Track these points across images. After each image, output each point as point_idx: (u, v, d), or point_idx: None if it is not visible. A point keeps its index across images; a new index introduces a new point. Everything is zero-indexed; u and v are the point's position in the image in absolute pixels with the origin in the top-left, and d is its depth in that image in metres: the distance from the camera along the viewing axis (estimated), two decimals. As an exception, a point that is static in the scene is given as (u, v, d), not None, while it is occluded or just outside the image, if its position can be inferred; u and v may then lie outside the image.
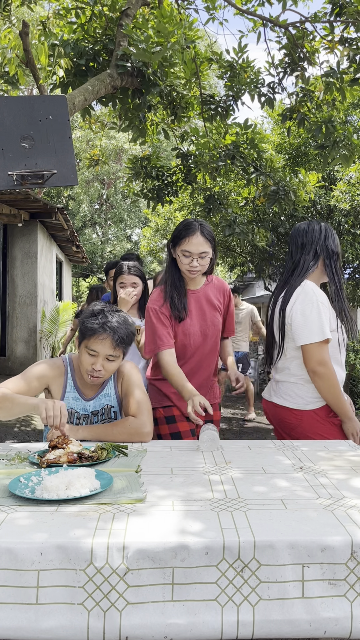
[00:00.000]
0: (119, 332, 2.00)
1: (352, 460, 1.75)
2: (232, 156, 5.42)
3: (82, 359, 2.03)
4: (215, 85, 12.39)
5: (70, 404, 2.09)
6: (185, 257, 2.33)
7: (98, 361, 1.99)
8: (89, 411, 2.11)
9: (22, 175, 2.87)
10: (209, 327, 2.46)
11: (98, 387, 2.13)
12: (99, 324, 1.99)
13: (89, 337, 2.00)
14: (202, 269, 2.35)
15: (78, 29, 5.04)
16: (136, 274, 3.06)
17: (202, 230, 2.32)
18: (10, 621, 1.11)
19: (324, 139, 5.40)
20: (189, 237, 2.30)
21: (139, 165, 6.31)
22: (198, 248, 2.30)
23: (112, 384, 2.16)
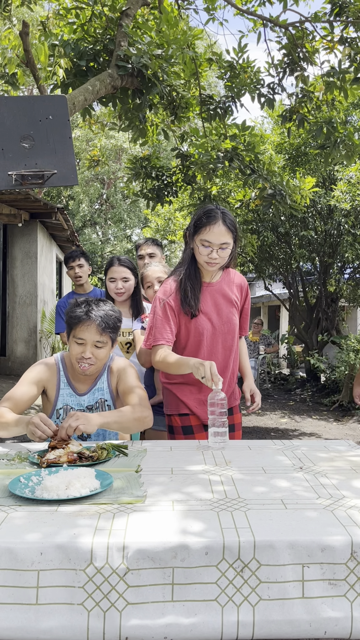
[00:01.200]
0: (103, 318, 2.04)
1: (352, 461, 1.75)
2: (230, 158, 5.42)
3: (72, 349, 2.06)
4: (215, 85, 12.39)
5: (65, 401, 2.12)
6: (205, 247, 2.15)
7: (87, 349, 2.02)
8: (84, 406, 2.13)
9: (22, 175, 2.87)
10: (225, 324, 2.29)
11: (91, 382, 2.14)
12: (83, 312, 2.04)
13: (74, 326, 2.04)
14: (221, 261, 2.19)
15: (78, 29, 5.04)
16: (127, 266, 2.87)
17: (225, 219, 2.14)
18: (10, 621, 1.11)
19: (324, 139, 5.40)
20: (210, 225, 2.13)
21: (138, 165, 6.32)
22: (219, 238, 2.13)
23: (105, 378, 2.17)
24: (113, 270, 2.84)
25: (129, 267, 2.85)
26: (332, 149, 5.38)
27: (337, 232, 9.04)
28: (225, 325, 2.29)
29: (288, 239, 9.51)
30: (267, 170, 5.62)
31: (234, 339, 2.32)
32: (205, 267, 2.21)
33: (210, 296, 2.28)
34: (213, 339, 2.28)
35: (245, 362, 2.52)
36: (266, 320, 18.78)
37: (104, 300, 2.13)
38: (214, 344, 2.28)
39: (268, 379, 11.19)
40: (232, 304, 2.31)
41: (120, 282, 2.81)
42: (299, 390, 9.77)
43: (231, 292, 2.31)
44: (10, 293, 9.40)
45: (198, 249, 2.17)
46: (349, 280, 9.79)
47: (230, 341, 2.31)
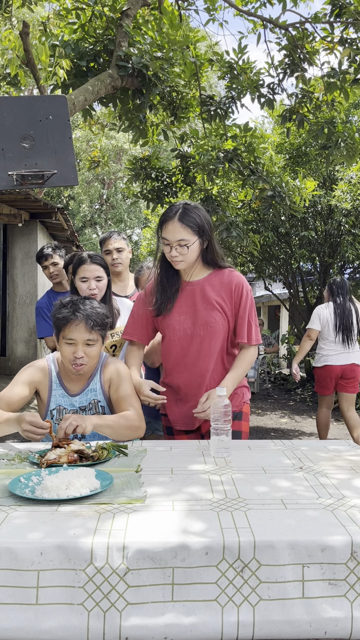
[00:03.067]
0: (91, 316, 2.02)
1: (352, 460, 1.75)
2: (230, 159, 5.42)
3: (63, 351, 2.05)
4: (215, 85, 12.40)
5: (58, 402, 2.12)
6: (165, 245, 2.09)
7: (78, 348, 2.01)
8: (77, 407, 2.12)
9: (22, 175, 2.87)
10: (201, 327, 2.13)
11: (83, 383, 2.13)
12: (70, 311, 2.03)
13: (63, 327, 2.03)
14: (185, 259, 2.08)
15: (78, 30, 5.05)
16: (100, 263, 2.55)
17: (183, 216, 2.05)
18: (10, 621, 1.11)
19: (325, 139, 5.40)
20: (166, 223, 2.08)
21: (138, 166, 6.32)
22: (175, 235, 2.05)
23: (97, 378, 2.15)
24: (84, 269, 2.49)
25: (101, 265, 2.54)
26: (334, 149, 5.38)
27: (338, 232, 9.04)
28: (201, 329, 2.13)
29: (288, 239, 9.51)
30: (267, 171, 5.63)
31: (216, 345, 2.14)
32: (173, 265, 2.13)
33: (188, 296, 2.16)
34: (187, 342, 2.15)
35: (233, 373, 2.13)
36: (266, 320, 18.78)
37: (89, 298, 2.12)
38: (188, 348, 2.15)
39: (268, 379, 11.19)
40: (213, 307, 2.13)
41: (94, 282, 2.48)
42: (299, 390, 9.76)
43: (215, 294, 2.13)
44: (10, 293, 9.40)
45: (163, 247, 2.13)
46: (349, 280, 9.79)
47: (208, 347, 2.14)
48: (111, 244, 3.20)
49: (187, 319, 2.15)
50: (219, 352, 2.17)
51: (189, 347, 2.16)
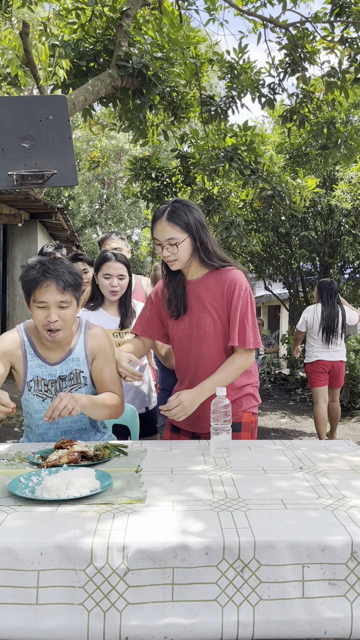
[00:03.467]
0: (62, 275, 1.90)
1: (352, 461, 1.75)
2: (231, 158, 5.43)
3: (35, 316, 1.92)
4: (215, 85, 12.39)
5: (35, 372, 2.01)
6: (157, 245, 2.05)
7: (51, 312, 1.89)
8: (56, 376, 2.02)
9: (22, 175, 2.87)
10: (194, 329, 2.09)
11: (64, 350, 2.03)
12: (38, 272, 1.90)
13: (32, 290, 1.90)
14: (177, 258, 2.02)
15: (78, 29, 5.05)
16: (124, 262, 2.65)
17: (171, 214, 1.99)
18: (10, 621, 1.11)
19: (325, 139, 5.40)
20: (155, 223, 2.03)
21: (138, 166, 6.32)
22: (164, 235, 2.00)
23: (82, 348, 2.05)
24: (109, 266, 2.63)
25: (125, 264, 2.66)
26: (334, 150, 5.39)
27: (338, 232, 9.04)
28: (194, 331, 2.09)
29: (288, 239, 9.52)
30: (267, 171, 5.63)
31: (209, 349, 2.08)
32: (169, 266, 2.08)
33: (190, 295, 2.12)
34: (186, 344, 2.13)
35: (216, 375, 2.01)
36: (266, 320, 18.78)
37: (59, 259, 1.98)
38: (188, 350, 2.13)
39: (268, 379, 11.19)
40: (205, 309, 2.07)
41: (116, 280, 2.62)
42: (299, 390, 9.76)
43: (209, 295, 2.07)
44: (10, 293, 9.40)
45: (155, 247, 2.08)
46: (349, 280, 9.80)
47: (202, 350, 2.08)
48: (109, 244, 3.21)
49: (184, 320, 2.12)
50: (217, 355, 2.08)
51: (188, 349, 2.12)
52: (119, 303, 2.73)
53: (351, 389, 7.85)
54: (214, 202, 6.08)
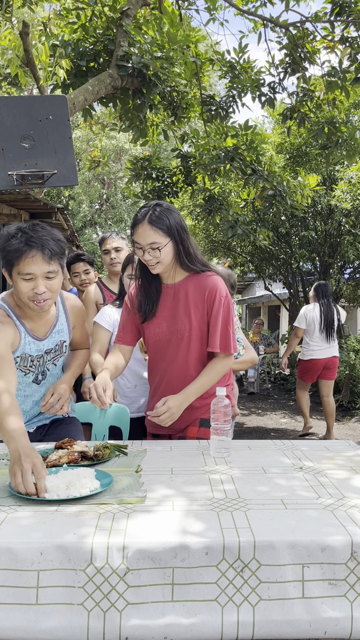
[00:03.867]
0: (47, 243, 1.77)
1: (352, 460, 1.75)
2: (232, 157, 5.43)
3: (20, 288, 1.79)
4: (215, 85, 12.38)
5: (25, 350, 1.94)
6: (137, 249, 2.01)
7: (38, 283, 1.78)
8: (43, 350, 1.98)
9: (22, 175, 2.87)
10: (174, 334, 2.07)
11: (49, 324, 1.98)
12: (22, 242, 1.75)
13: (16, 260, 1.76)
14: (158, 261, 1.98)
15: (78, 29, 5.05)
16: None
17: (152, 218, 1.95)
18: (10, 621, 1.11)
19: (325, 139, 5.40)
20: (136, 226, 1.99)
21: (139, 166, 6.32)
22: (146, 239, 1.96)
23: (64, 318, 2.02)
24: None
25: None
26: (334, 149, 5.39)
27: (338, 232, 9.04)
28: (173, 335, 2.07)
29: (288, 239, 9.52)
30: (268, 170, 5.63)
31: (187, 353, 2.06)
32: (149, 269, 2.04)
33: (165, 299, 2.09)
34: (162, 348, 2.10)
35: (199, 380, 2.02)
36: (266, 320, 18.78)
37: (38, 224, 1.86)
38: (163, 354, 2.11)
39: (268, 379, 11.19)
40: (185, 313, 2.05)
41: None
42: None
43: (188, 299, 2.05)
44: (11, 293, 9.39)
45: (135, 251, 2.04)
46: (349, 280, 9.79)
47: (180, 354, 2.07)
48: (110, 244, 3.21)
49: (162, 324, 2.09)
50: (195, 360, 2.08)
51: (164, 353, 2.10)
52: None
53: (351, 389, 7.85)
54: (216, 202, 6.08)
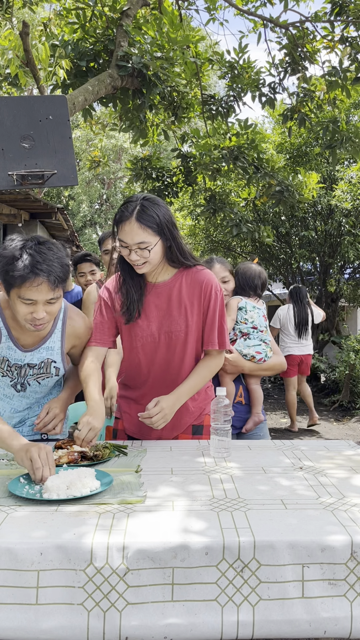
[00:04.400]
0: (53, 270, 1.68)
1: (352, 460, 1.75)
2: (235, 157, 5.43)
3: (18, 309, 1.73)
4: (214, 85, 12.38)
5: (3, 353, 1.86)
6: (123, 248, 1.85)
7: (38, 309, 1.71)
8: (24, 362, 1.88)
9: (22, 175, 2.87)
10: (165, 335, 1.95)
11: (38, 339, 1.89)
12: (28, 268, 1.65)
13: (19, 285, 1.67)
14: (146, 261, 1.85)
15: (78, 29, 5.05)
16: None
17: (141, 215, 1.80)
18: (10, 621, 1.11)
19: (331, 136, 5.40)
20: (122, 223, 1.82)
21: (139, 166, 6.32)
22: (133, 238, 1.80)
23: (58, 337, 1.91)
24: None
25: None
26: (339, 148, 5.40)
27: (338, 232, 9.04)
28: (166, 336, 1.96)
29: (288, 239, 9.51)
30: (272, 167, 5.63)
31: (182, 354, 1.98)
32: (135, 269, 1.89)
33: (154, 299, 1.96)
34: (151, 350, 1.98)
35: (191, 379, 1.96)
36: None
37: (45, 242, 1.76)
38: (153, 356, 1.99)
39: (268, 379, 11.18)
40: (180, 312, 1.95)
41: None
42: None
43: (183, 297, 1.95)
44: (11, 293, 9.39)
45: (120, 249, 1.88)
46: (349, 280, 9.79)
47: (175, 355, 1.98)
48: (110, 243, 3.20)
49: (151, 325, 1.96)
50: (192, 360, 2.01)
51: (154, 355, 1.98)
52: None
53: (351, 389, 7.84)
54: (218, 202, 6.08)
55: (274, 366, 2.55)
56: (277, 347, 2.62)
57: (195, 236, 10.17)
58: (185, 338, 1.97)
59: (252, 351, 2.48)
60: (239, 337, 2.51)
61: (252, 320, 2.52)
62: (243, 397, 2.53)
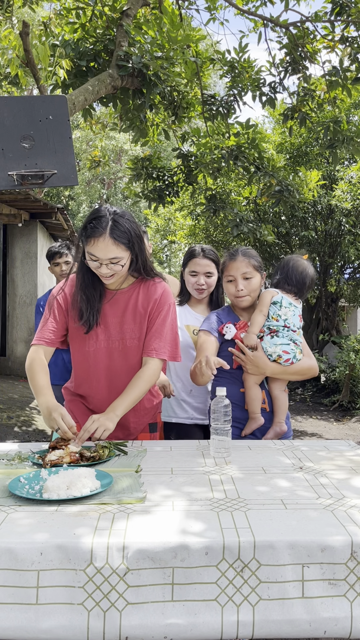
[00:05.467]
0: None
1: (352, 460, 1.75)
2: (236, 156, 5.43)
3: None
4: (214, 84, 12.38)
5: None
6: (93, 261, 1.85)
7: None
8: None
9: (22, 175, 2.87)
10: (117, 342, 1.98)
11: None
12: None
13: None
14: (118, 274, 1.88)
15: (79, 29, 5.05)
16: (212, 258, 2.50)
17: (114, 230, 1.80)
18: (10, 621, 1.11)
19: (332, 136, 5.40)
20: (95, 238, 1.80)
21: (139, 166, 6.32)
22: (106, 253, 1.81)
23: None
24: (196, 262, 2.48)
25: (214, 260, 2.50)
26: (340, 147, 5.39)
27: (338, 232, 9.04)
28: (116, 343, 1.98)
29: (288, 239, 9.51)
30: (272, 166, 5.63)
31: (128, 360, 1.99)
32: (101, 279, 1.91)
33: (112, 307, 1.98)
34: (102, 356, 1.99)
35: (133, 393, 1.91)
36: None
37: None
38: (103, 363, 2.00)
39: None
40: (133, 320, 1.98)
41: (203, 277, 2.47)
42: (299, 390, 9.76)
43: (138, 306, 1.98)
44: (10, 293, 9.40)
45: (88, 260, 1.87)
46: (349, 280, 9.79)
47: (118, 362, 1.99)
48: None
49: (102, 332, 1.98)
50: (135, 368, 1.99)
51: (105, 362, 1.99)
52: (209, 301, 2.59)
53: (351, 389, 7.85)
54: (219, 201, 6.07)
55: (303, 370, 2.22)
56: (308, 349, 2.29)
57: (195, 236, 10.17)
58: (137, 347, 1.99)
59: (279, 350, 2.14)
60: (266, 334, 2.18)
61: (285, 317, 2.18)
62: (267, 403, 2.21)
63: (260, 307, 2.21)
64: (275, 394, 2.22)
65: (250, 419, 2.17)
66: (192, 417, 2.51)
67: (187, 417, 2.51)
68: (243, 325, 2.23)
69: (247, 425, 2.17)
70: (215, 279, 2.52)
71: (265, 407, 2.21)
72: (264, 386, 2.23)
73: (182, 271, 2.58)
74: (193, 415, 2.51)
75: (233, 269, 2.22)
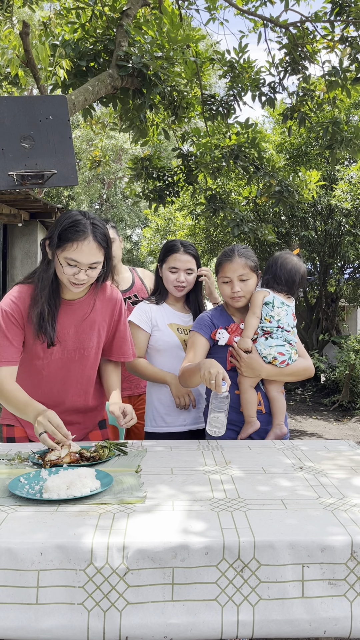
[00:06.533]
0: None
1: (352, 460, 1.75)
2: (236, 156, 5.43)
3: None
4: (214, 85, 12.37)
5: None
6: (70, 267, 1.79)
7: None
8: None
9: (22, 175, 2.87)
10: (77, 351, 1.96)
11: None
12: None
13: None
14: (90, 281, 1.85)
15: (79, 29, 5.05)
16: (193, 254, 2.39)
17: (96, 233, 1.79)
18: (10, 621, 1.11)
19: (331, 136, 5.40)
20: (78, 242, 1.76)
21: (140, 166, 6.32)
22: (89, 258, 1.78)
23: None
24: (176, 258, 2.35)
25: (194, 257, 2.39)
26: (339, 148, 5.39)
27: (338, 232, 9.04)
28: (73, 353, 1.95)
29: (288, 239, 9.51)
30: (272, 166, 5.63)
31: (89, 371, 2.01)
32: (69, 288, 1.85)
33: (69, 317, 1.93)
34: (64, 368, 1.96)
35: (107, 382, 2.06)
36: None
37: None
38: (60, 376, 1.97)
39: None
40: (92, 329, 1.96)
41: (183, 274, 2.35)
42: (299, 390, 9.76)
43: (97, 314, 1.97)
44: (11, 293, 9.40)
45: (62, 268, 1.80)
46: (349, 280, 9.79)
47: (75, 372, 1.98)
48: None
49: (65, 343, 1.94)
50: (88, 378, 2.03)
51: (59, 373, 1.97)
52: (187, 299, 2.48)
53: (351, 389, 7.85)
54: (219, 201, 6.07)
55: (299, 371, 2.21)
56: (303, 349, 2.27)
57: (195, 236, 10.17)
58: (95, 355, 2.02)
59: (274, 352, 2.13)
60: (260, 336, 2.16)
61: (278, 317, 2.16)
62: (263, 405, 2.18)
63: (252, 309, 2.18)
64: (273, 395, 2.20)
65: (246, 423, 2.15)
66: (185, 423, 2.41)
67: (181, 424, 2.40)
68: (235, 328, 2.20)
69: (242, 429, 2.15)
70: (194, 277, 2.41)
71: (262, 409, 2.18)
72: (260, 387, 2.21)
73: (159, 267, 2.44)
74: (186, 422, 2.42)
75: (229, 270, 2.18)
